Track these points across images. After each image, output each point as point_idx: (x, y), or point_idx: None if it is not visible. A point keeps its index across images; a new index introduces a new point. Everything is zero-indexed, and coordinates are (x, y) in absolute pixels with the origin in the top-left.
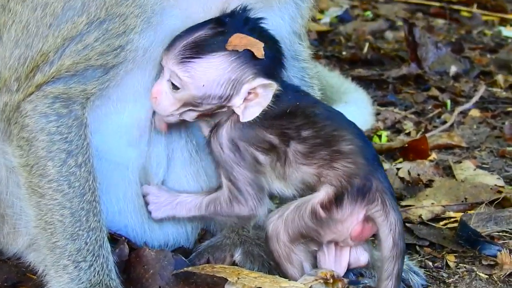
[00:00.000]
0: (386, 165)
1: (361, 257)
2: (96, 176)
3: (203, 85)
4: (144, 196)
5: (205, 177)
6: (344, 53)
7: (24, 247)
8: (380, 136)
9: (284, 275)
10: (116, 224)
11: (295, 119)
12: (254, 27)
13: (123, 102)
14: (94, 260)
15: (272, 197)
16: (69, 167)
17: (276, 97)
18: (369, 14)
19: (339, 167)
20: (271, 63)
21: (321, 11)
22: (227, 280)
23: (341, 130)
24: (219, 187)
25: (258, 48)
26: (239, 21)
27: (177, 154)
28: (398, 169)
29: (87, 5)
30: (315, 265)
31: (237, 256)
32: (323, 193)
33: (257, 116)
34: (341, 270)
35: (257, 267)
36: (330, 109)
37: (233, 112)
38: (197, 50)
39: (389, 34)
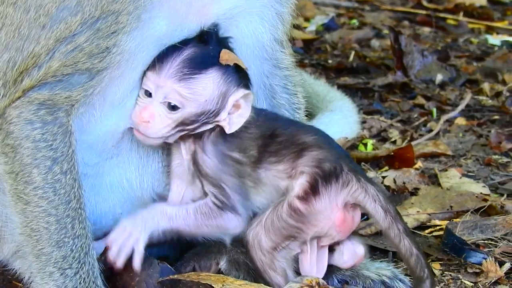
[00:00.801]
0: (371, 174)
1: (357, 249)
2: (81, 184)
3: (205, 101)
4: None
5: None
6: (330, 61)
7: (10, 254)
8: (365, 145)
9: (268, 284)
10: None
11: (260, 119)
12: (227, 45)
13: (104, 109)
14: (80, 267)
15: None
16: (54, 174)
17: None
18: (355, 22)
19: (306, 155)
20: (246, 76)
21: (307, 19)
22: (213, 287)
23: (304, 127)
24: (202, 196)
25: (242, 62)
26: (216, 39)
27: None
28: (383, 177)
29: (82, 4)
30: (297, 271)
31: (223, 264)
32: (297, 187)
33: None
34: (321, 270)
35: (243, 275)
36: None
37: (214, 126)
38: (195, 66)
39: (375, 42)
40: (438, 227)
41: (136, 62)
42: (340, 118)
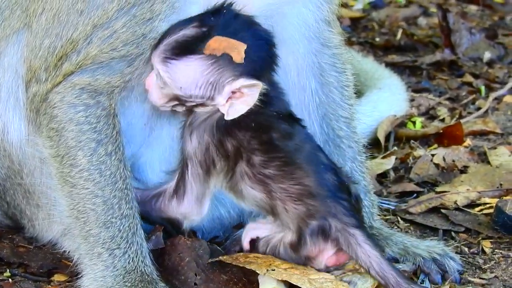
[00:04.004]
0: (420, 151)
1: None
2: (127, 164)
3: (181, 87)
4: None
5: None
6: (377, 39)
7: (59, 234)
8: (414, 123)
9: None
10: None
11: (253, 138)
12: (242, 26)
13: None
14: (128, 247)
15: None
16: (99, 156)
17: (264, 95)
18: (401, 0)
19: (291, 209)
20: (257, 64)
21: None
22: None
23: (292, 165)
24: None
25: (239, 52)
26: (225, 20)
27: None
28: (433, 155)
29: None
30: None
31: None
32: (288, 236)
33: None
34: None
35: None
36: (290, 131)
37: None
38: (177, 51)
39: (422, 20)
40: (488, 205)
41: None
42: (389, 96)
